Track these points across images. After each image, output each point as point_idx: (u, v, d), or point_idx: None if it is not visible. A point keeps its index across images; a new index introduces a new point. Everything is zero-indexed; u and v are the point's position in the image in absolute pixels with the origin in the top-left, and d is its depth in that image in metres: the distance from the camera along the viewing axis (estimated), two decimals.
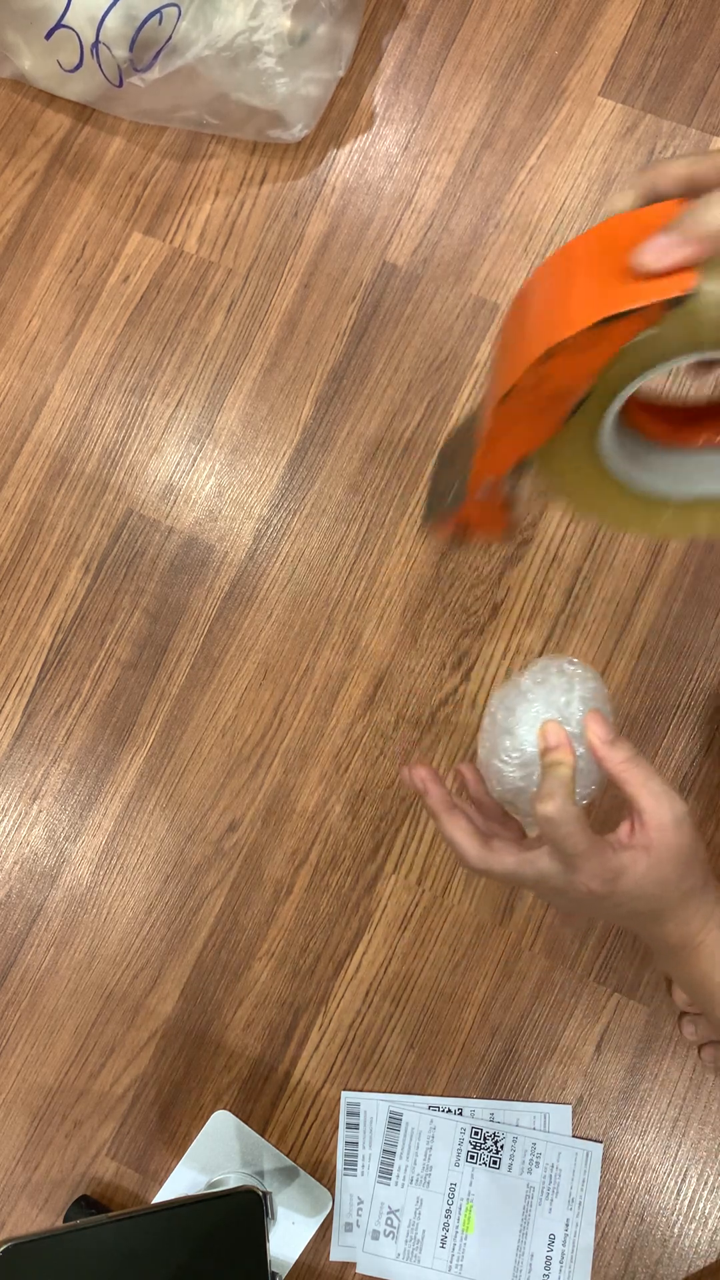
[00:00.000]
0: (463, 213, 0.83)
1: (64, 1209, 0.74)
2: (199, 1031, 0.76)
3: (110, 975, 0.77)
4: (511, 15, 0.85)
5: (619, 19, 0.84)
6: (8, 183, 0.87)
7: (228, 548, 0.81)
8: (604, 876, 0.50)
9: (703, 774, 0.76)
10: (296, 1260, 0.72)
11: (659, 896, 0.52)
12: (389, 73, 0.85)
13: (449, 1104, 0.74)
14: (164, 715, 0.80)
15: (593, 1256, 0.71)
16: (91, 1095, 0.76)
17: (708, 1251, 0.71)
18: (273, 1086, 0.75)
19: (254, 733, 0.79)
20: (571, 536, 0.79)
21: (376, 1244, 0.72)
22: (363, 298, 0.83)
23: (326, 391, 0.82)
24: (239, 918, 0.77)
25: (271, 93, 0.79)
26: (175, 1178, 0.74)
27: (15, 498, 0.83)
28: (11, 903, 0.79)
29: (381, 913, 0.76)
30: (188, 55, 0.76)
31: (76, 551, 0.82)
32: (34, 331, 0.85)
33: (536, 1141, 0.73)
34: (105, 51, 0.77)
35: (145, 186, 0.86)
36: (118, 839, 0.79)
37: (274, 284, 0.84)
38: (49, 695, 0.81)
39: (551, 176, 0.83)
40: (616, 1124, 0.73)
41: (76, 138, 0.87)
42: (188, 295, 0.84)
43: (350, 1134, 0.74)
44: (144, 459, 0.83)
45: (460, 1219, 0.72)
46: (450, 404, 0.81)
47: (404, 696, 0.78)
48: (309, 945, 0.77)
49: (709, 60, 0.83)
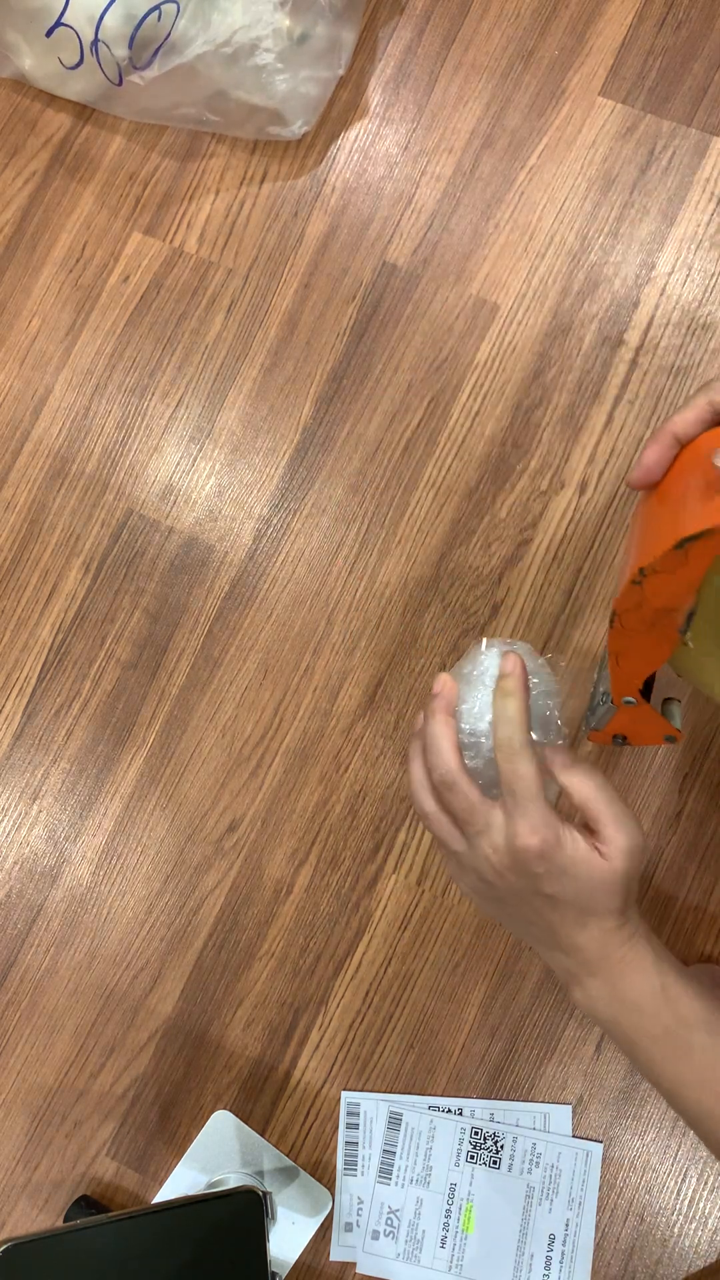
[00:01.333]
0: (463, 213, 0.83)
1: (64, 1209, 0.74)
2: (199, 1031, 0.76)
3: (110, 975, 0.77)
4: (511, 15, 0.85)
5: (619, 19, 0.84)
6: (8, 183, 0.87)
7: (228, 548, 0.81)
8: (545, 835, 0.49)
9: (703, 773, 0.76)
10: (296, 1260, 0.72)
11: (590, 894, 0.51)
12: (389, 72, 0.85)
13: (449, 1104, 0.74)
14: (164, 715, 0.80)
15: (593, 1256, 0.71)
16: (91, 1095, 0.76)
17: (708, 1251, 0.71)
18: (273, 1086, 0.75)
19: (254, 733, 0.79)
20: (571, 536, 0.79)
21: (376, 1244, 0.73)
22: (363, 298, 0.83)
23: (326, 391, 0.82)
24: (239, 918, 0.77)
25: (271, 90, 0.79)
26: (175, 1178, 0.74)
27: (15, 498, 0.83)
28: (11, 903, 0.79)
29: (381, 913, 0.76)
30: (187, 53, 0.76)
31: (76, 551, 0.82)
32: (34, 331, 0.85)
33: (536, 1141, 0.73)
34: (105, 50, 0.77)
35: (145, 186, 0.86)
36: (118, 839, 0.79)
37: (274, 284, 0.84)
38: (49, 695, 0.81)
39: (551, 176, 0.83)
40: (616, 1124, 0.73)
41: (76, 137, 0.87)
42: (188, 295, 0.84)
43: (350, 1134, 0.74)
44: (144, 459, 0.83)
45: (460, 1219, 0.72)
46: (450, 404, 0.81)
47: (404, 696, 0.78)
48: (309, 945, 0.77)
49: (709, 60, 0.83)
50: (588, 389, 0.80)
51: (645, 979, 0.51)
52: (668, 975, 0.52)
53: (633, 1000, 0.51)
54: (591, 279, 0.81)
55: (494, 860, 0.52)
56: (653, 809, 0.75)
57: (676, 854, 0.75)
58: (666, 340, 0.80)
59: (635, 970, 0.52)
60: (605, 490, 0.79)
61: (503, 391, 0.81)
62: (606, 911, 0.51)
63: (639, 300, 0.80)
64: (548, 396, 0.80)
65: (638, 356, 0.80)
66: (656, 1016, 0.51)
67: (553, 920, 0.52)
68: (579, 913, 0.51)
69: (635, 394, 0.79)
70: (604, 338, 0.80)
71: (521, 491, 0.79)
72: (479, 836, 0.52)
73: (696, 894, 0.75)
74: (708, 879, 0.75)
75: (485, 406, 0.81)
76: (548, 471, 0.79)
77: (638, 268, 0.81)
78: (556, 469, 0.79)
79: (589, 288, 0.81)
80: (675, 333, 0.80)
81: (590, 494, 0.79)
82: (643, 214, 0.81)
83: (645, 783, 0.76)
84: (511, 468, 0.80)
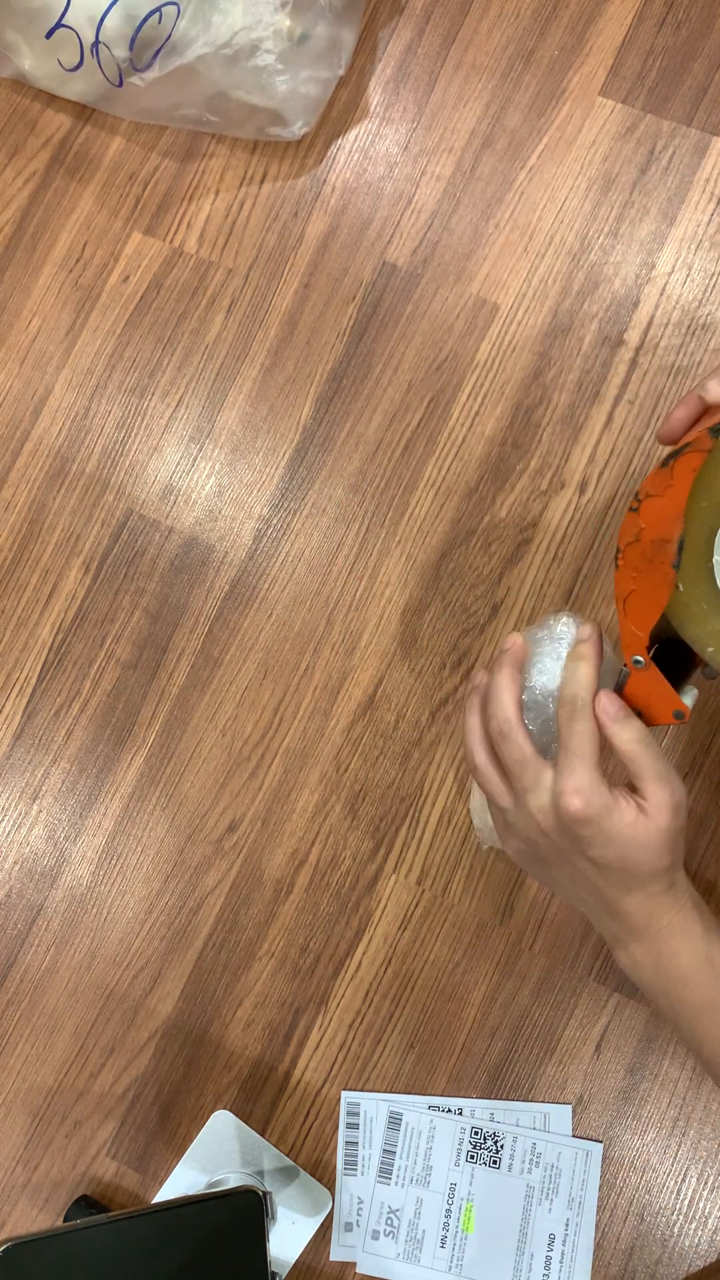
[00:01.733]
0: (463, 212, 0.83)
1: (64, 1209, 0.74)
2: (199, 1031, 0.76)
3: (110, 975, 0.77)
4: (511, 15, 0.85)
5: (619, 19, 0.84)
6: (8, 183, 0.87)
7: (228, 548, 0.81)
8: (590, 798, 0.49)
9: (703, 773, 0.76)
10: (296, 1260, 0.72)
11: (635, 859, 0.50)
12: (389, 72, 0.85)
13: (449, 1104, 0.74)
14: (164, 715, 0.80)
15: (593, 1256, 0.71)
16: (91, 1095, 0.76)
17: (708, 1251, 0.71)
18: (273, 1086, 0.75)
19: (254, 733, 0.79)
20: (571, 536, 0.79)
21: (376, 1244, 0.73)
22: (363, 298, 0.83)
23: (326, 391, 0.82)
24: (239, 918, 0.77)
25: (271, 90, 0.79)
26: (175, 1178, 0.74)
27: (15, 498, 0.83)
28: (11, 903, 0.79)
29: (381, 913, 0.76)
30: (187, 54, 0.76)
31: (76, 551, 0.82)
32: (34, 331, 0.85)
33: (536, 1141, 0.73)
34: (105, 51, 0.77)
35: (145, 186, 0.86)
36: (118, 839, 0.79)
37: (274, 284, 0.84)
38: (49, 695, 0.81)
39: (551, 176, 0.83)
40: (616, 1124, 0.73)
41: (76, 138, 0.87)
42: (188, 295, 0.84)
43: (350, 1134, 0.74)
44: (144, 459, 0.83)
45: (460, 1219, 0.72)
46: (450, 404, 0.81)
47: (404, 696, 0.78)
48: (309, 945, 0.77)
49: (709, 60, 0.83)
50: (588, 389, 0.80)
51: (691, 948, 0.50)
52: (715, 946, 0.50)
53: (678, 970, 0.50)
54: (591, 279, 0.81)
55: (539, 820, 0.51)
56: None
57: None
58: (666, 340, 0.80)
59: (682, 939, 0.50)
60: (605, 490, 0.79)
61: (503, 391, 0.81)
62: (652, 874, 0.50)
63: (639, 300, 0.80)
64: (548, 396, 0.80)
65: (638, 356, 0.80)
66: (701, 987, 0.50)
67: (598, 884, 0.52)
68: (625, 876, 0.50)
69: (635, 394, 0.79)
70: (604, 338, 0.80)
71: (521, 491, 0.79)
72: (527, 794, 0.52)
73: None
74: (707, 879, 0.75)
75: (485, 406, 0.81)
76: (548, 471, 0.79)
77: (638, 268, 0.81)
78: (556, 469, 0.79)
79: (589, 288, 0.81)
80: (675, 332, 0.80)
81: (590, 494, 0.79)
82: (643, 214, 0.81)
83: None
84: (511, 468, 0.80)
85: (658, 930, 0.51)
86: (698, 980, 0.50)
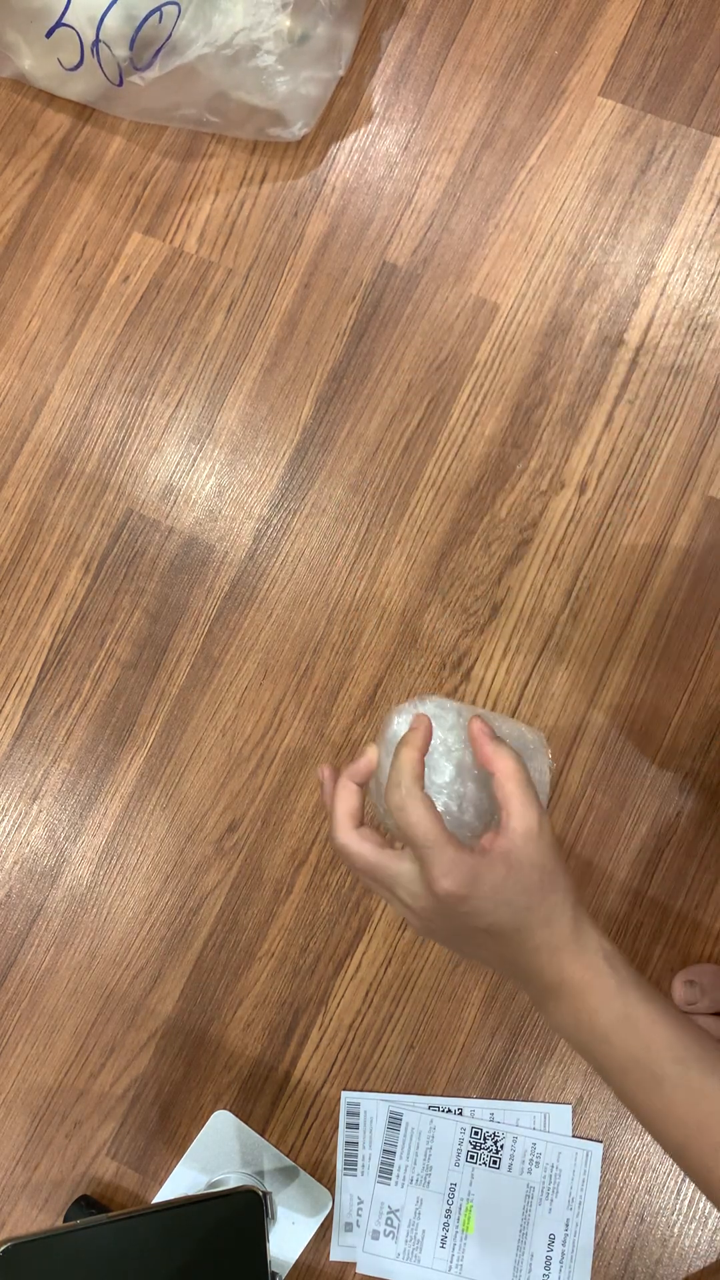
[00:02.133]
0: (463, 212, 0.83)
1: (64, 1209, 0.74)
2: (199, 1031, 0.76)
3: (110, 975, 0.77)
4: (511, 15, 0.85)
5: (619, 19, 0.84)
6: (8, 183, 0.87)
7: (228, 548, 0.81)
8: (457, 875, 0.47)
9: (702, 774, 0.76)
10: (296, 1260, 0.72)
11: (522, 907, 0.48)
12: (389, 72, 0.85)
13: (449, 1104, 0.74)
14: (164, 715, 0.80)
15: (593, 1256, 0.71)
16: (91, 1095, 0.76)
17: (708, 1251, 0.71)
18: (273, 1086, 0.75)
19: (254, 733, 0.79)
20: (571, 536, 0.79)
21: (376, 1244, 0.72)
22: (363, 298, 0.83)
23: (326, 391, 0.82)
24: (239, 918, 0.77)
25: (271, 91, 0.79)
26: (175, 1178, 0.74)
27: (15, 498, 0.83)
28: (11, 903, 0.79)
29: (381, 912, 0.76)
30: (187, 54, 0.76)
31: (76, 551, 0.82)
32: (34, 331, 0.85)
33: (536, 1141, 0.73)
34: (105, 50, 0.77)
35: (145, 186, 0.86)
36: (118, 839, 0.79)
37: (274, 284, 0.84)
38: (49, 695, 0.81)
39: (551, 176, 0.83)
40: (616, 1124, 0.73)
41: (76, 137, 0.87)
42: (188, 295, 0.84)
43: (350, 1134, 0.74)
44: (144, 459, 0.83)
45: (460, 1219, 0.72)
46: (450, 404, 0.81)
47: (404, 696, 0.78)
48: (309, 945, 0.77)
49: (709, 60, 0.83)
50: (588, 389, 0.80)
51: (608, 1006, 0.49)
52: (632, 1000, 0.49)
53: (599, 1028, 0.49)
54: (591, 279, 0.81)
55: (418, 908, 0.50)
56: (651, 810, 0.75)
57: (676, 855, 0.75)
58: (666, 340, 0.80)
59: (598, 997, 0.49)
60: (605, 490, 0.79)
61: (503, 391, 0.81)
62: (544, 921, 0.49)
63: (639, 300, 0.80)
64: (548, 396, 0.80)
65: (638, 356, 0.80)
66: (624, 1046, 0.48)
67: (501, 951, 0.50)
68: (521, 934, 0.49)
69: (635, 394, 0.79)
70: (604, 337, 0.80)
71: (521, 491, 0.79)
72: (395, 890, 0.51)
73: (696, 894, 0.75)
74: (707, 879, 0.75)
75: (485, 406, 0.81)
76: (548, 471, 0.79)
77: (638, 268, 0.81)
78: (556, 469, 0.79)
79: (589, 287, 0.81)
80: (675, 332, 0.80)
81: (590, 494, 0.79)
82: (643, 214, 0.81)
83: (644, 783, 0.76)
84: (511, 468, 0.80)
85: (573, 989, 0.49)
86: (619, 1038, 0.49)
